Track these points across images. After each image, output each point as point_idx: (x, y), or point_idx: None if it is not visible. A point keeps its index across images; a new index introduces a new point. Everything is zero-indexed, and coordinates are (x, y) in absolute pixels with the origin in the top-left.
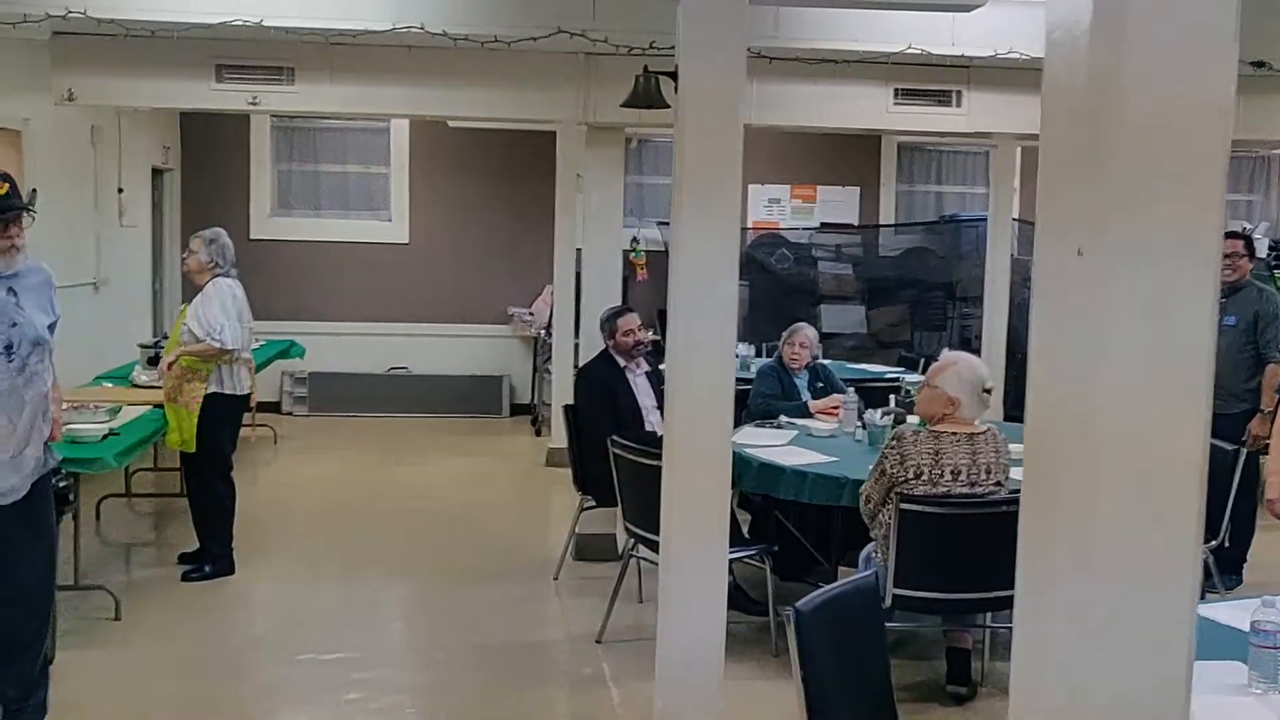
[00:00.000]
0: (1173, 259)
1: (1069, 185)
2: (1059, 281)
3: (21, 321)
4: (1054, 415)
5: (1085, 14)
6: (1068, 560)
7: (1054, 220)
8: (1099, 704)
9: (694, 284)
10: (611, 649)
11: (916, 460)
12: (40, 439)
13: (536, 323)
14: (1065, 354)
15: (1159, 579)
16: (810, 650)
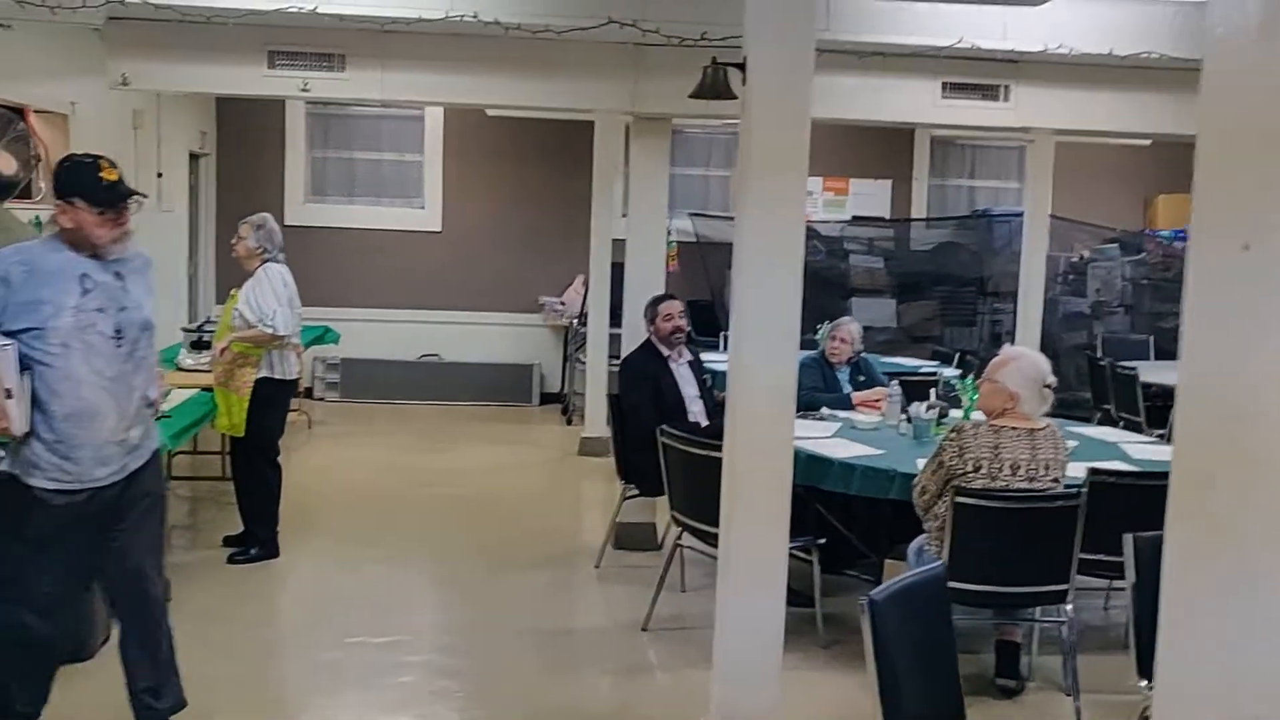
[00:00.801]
0: None
1: (1235, 180)
2: (1221, 277)
3: (130, 306)
4: (1209, 414)
5: (1254, 11)
6: (1223, 564)
7: (1216, 215)
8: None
9: (758, 277)
10: (658, 637)
11: (976, 454)
12: (145, 423)
13: (568, 312)
14: (1224, 351)
15: None
16: (883, 640)
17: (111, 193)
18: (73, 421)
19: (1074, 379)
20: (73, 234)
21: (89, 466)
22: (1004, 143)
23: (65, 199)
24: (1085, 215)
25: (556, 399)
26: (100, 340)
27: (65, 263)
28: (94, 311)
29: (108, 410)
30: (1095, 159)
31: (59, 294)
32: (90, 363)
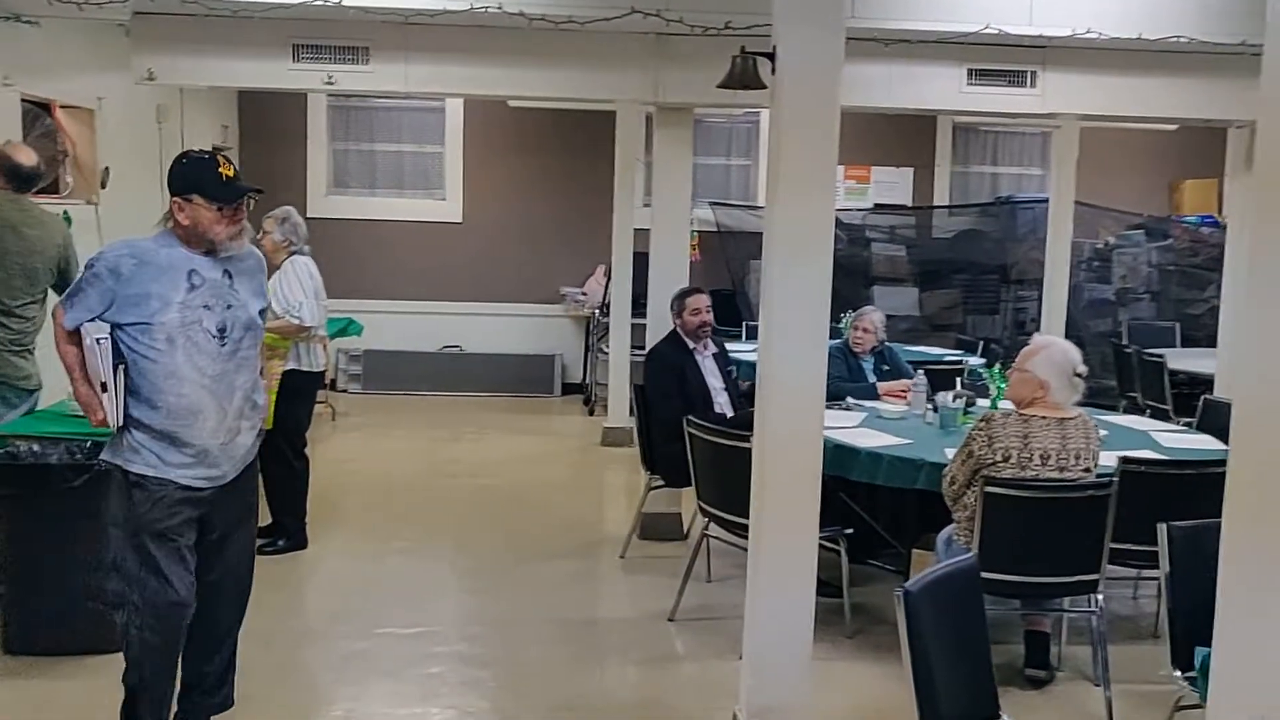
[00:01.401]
0: None
1: None
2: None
3: (236, 304)
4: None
5: None
6: None
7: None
8: None
9: (788, 266)
10: (684, 627)
11: (1005, 443)
12: (251, 428)
13: (589, 302)
14: None
15: None
16: (918, 631)
17: (230, 189)
18: (174, 418)
19: (1099, 367)
20: (188, 230)
21: (190, 465)
22: (1027, 129)
23: (183, 195)
24: (1109, 201)
25: (578, 389)
26: (204, 338)
27: (175, 258)
28: (200, 308)
29: (209, 409)
30: (1120, 144)
31: (167, 289)
32: (194, 360)
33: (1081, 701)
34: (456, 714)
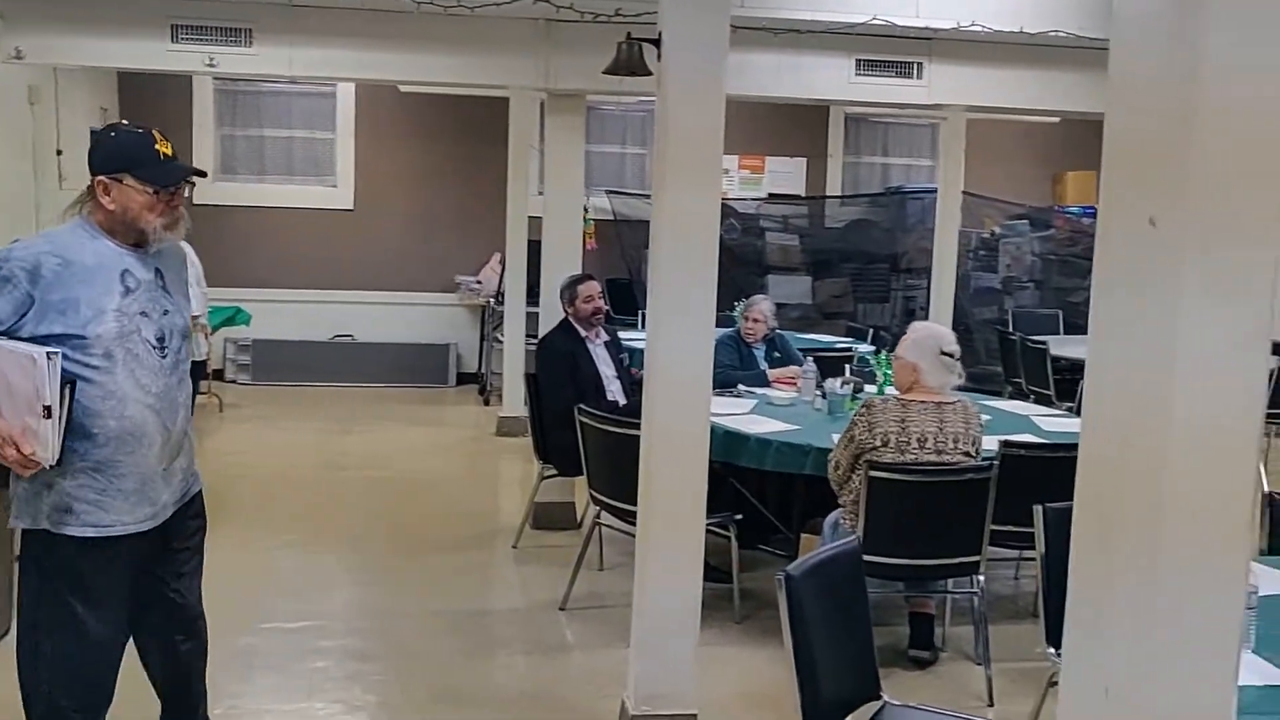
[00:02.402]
0: (1244, 232)
1: (1141, 155)
2: (1126, 252)
3: (171, 309)
4: (1117, 392)
5: None
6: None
7: (1123, 191)
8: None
9: (675, 254)
10: (575, 616)
11: (884, 428)
12: (191, 448)
13: (484, 291)
14: (1131, 329)
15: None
16: (799, 614)
17: (169, 170)
18: (115, 446)
19: (986, 353)
20: (114, 218)
21: (132, 504)
22: (916, 120)
23: (110, 175)
24: (996, 191)
25: (473, 379)
26: (144, 350)
27: (104, 255)
28: (138, 315)
29: (153, 431)
30: (1005, 136)
31: (99, 294)
32: (136, 376)
33: (964, 680)
34: (342, 708)
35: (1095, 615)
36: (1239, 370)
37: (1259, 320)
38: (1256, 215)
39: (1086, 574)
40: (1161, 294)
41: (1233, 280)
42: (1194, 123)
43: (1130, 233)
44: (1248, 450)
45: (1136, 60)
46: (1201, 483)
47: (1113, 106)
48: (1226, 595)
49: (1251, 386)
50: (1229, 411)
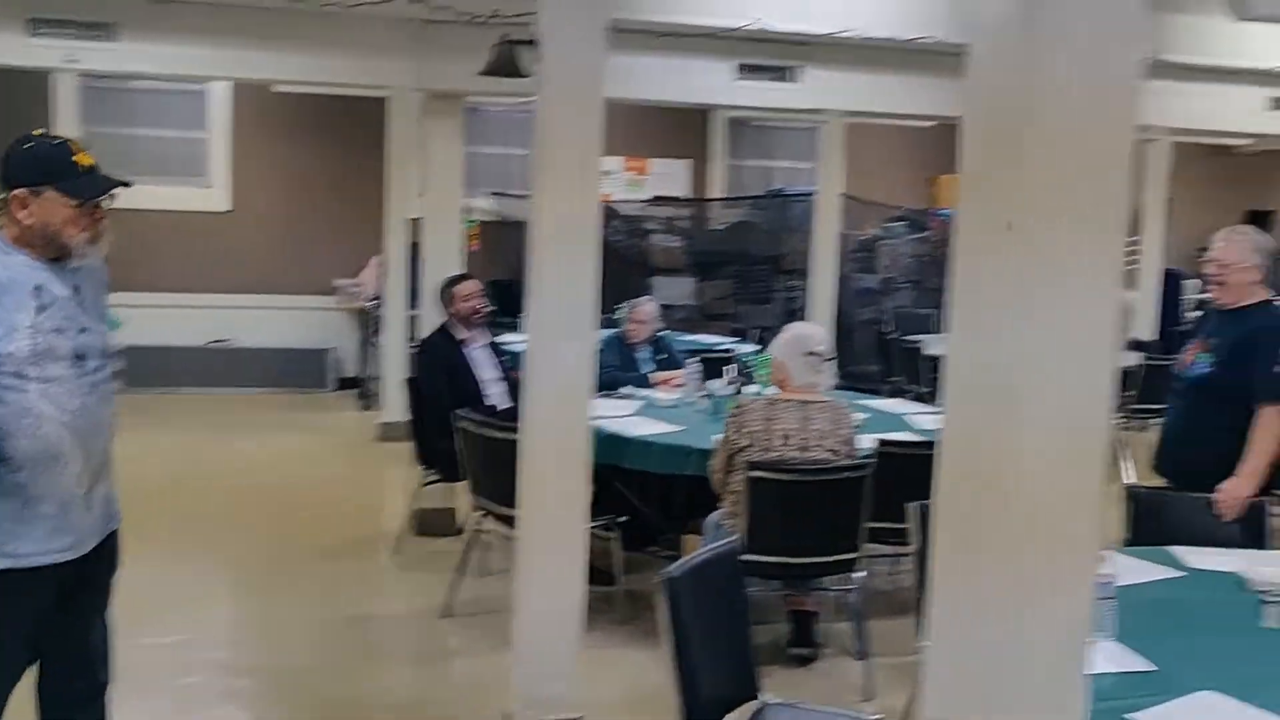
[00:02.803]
0: (1091, 235)
1: (999, 162)
2: (982, 258)
3: (91, 328)
4: (975, 391)
5: (1012, 6)
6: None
7: (979, 196)
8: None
9: (554, 257)
10: (458, 623)
11: (751, 427)
12: (111, 473)
13: (365, 294)
14: (988, 330)
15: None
16: (679, 616)
17: (93, 181)
18: (30, 468)
19: (866, 353)
20: (32, 232)
21: (51, 531)
22: (797, 123)
23: (30, 188)
24: (874, 194)
25: (354, 384)
26: (59, 368)
27: (15, 269)
28: (52, 333)
29: (72, 452)
30: (883, 139)
31: (11, 311)
32: (50, 395)
33: (844, 675)
34: None
35: (954, 609)
36: (1088, 369)
37: (1106, 321)
38: (1107, 220)
39: (946, 569)
40: (1016, 296)
41: (1084, 283)
42: (1047, 131)
43: (987, 236)
44: (1096, 446)
45: (991, 71)
46: (1052, 478)
47: (969, 115)
48: (1077, 587)
49: (1099, 385)
50: (1078, 409)
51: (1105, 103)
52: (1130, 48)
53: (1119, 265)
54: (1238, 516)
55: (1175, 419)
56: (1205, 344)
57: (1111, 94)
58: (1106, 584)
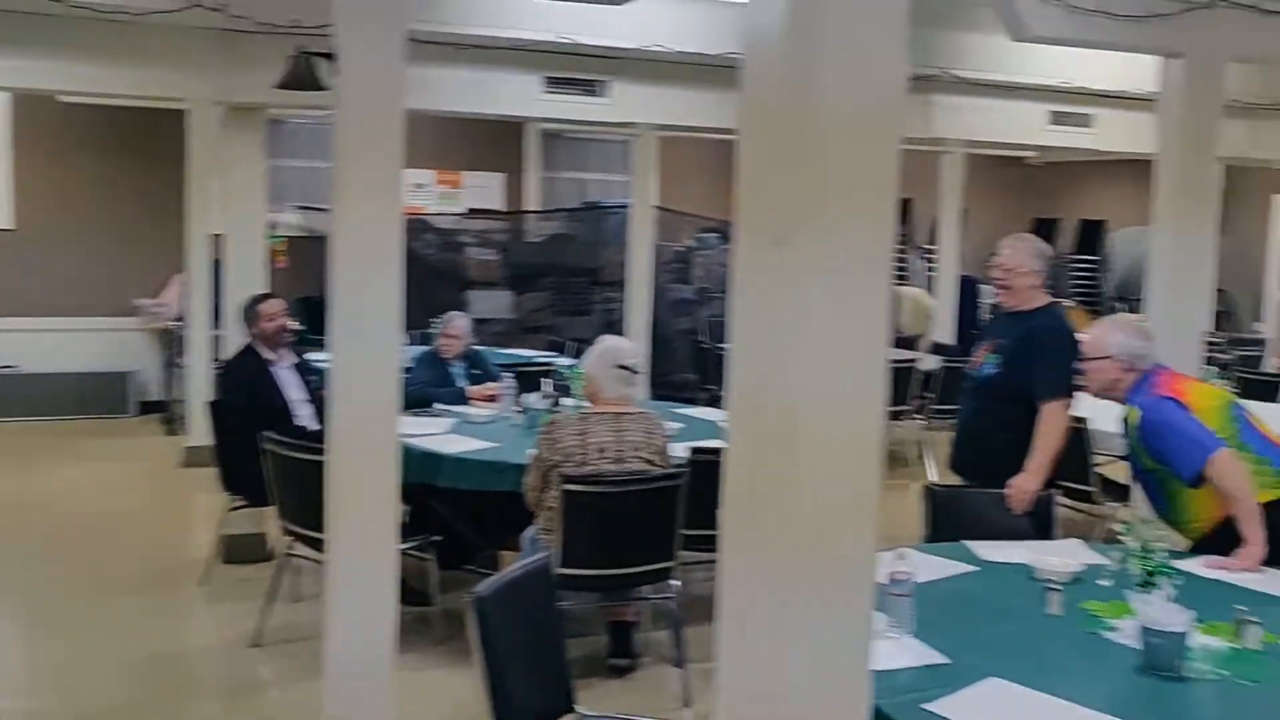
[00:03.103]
0: (861, 247)
1: (768, 179)
2: (758, 271)
3: None
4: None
5: (782, 22)
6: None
7: (753, 212)
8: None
9: (356, 272)
10: (269, 652)
11: (565, 443)
12: None
13: (167, 314)
14: (765, 346)
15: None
16: (490, 633)
17: None
18: None
19: (682, 362)
20: None
21: None
22: (611, 136)
23: None
24: (688, 206)
25: (158, 408)
26: None
27: None
28: None
29: None
30: (695, 151)
31: None
32: None
33: (663, 683)
34: None
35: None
36: (861, 377)
37: (877, 333)
38: (874, 236)
39: (733, 574)
40: (789, 309)
41: (854, 296)
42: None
43: (760, 251)
44: (871, 453)
45: (762, 94)
46: (830, 484)
47: (743, 130)
48: (857, 587)
49: (872, 392)
50: (853, 417)
51: (871, 117)
52: (893, 63)
53: (888, 275)
54: (1028, 510)
55: (967, 418)
56: (993, 345)
57: (877, 108)
58: (904, 581)
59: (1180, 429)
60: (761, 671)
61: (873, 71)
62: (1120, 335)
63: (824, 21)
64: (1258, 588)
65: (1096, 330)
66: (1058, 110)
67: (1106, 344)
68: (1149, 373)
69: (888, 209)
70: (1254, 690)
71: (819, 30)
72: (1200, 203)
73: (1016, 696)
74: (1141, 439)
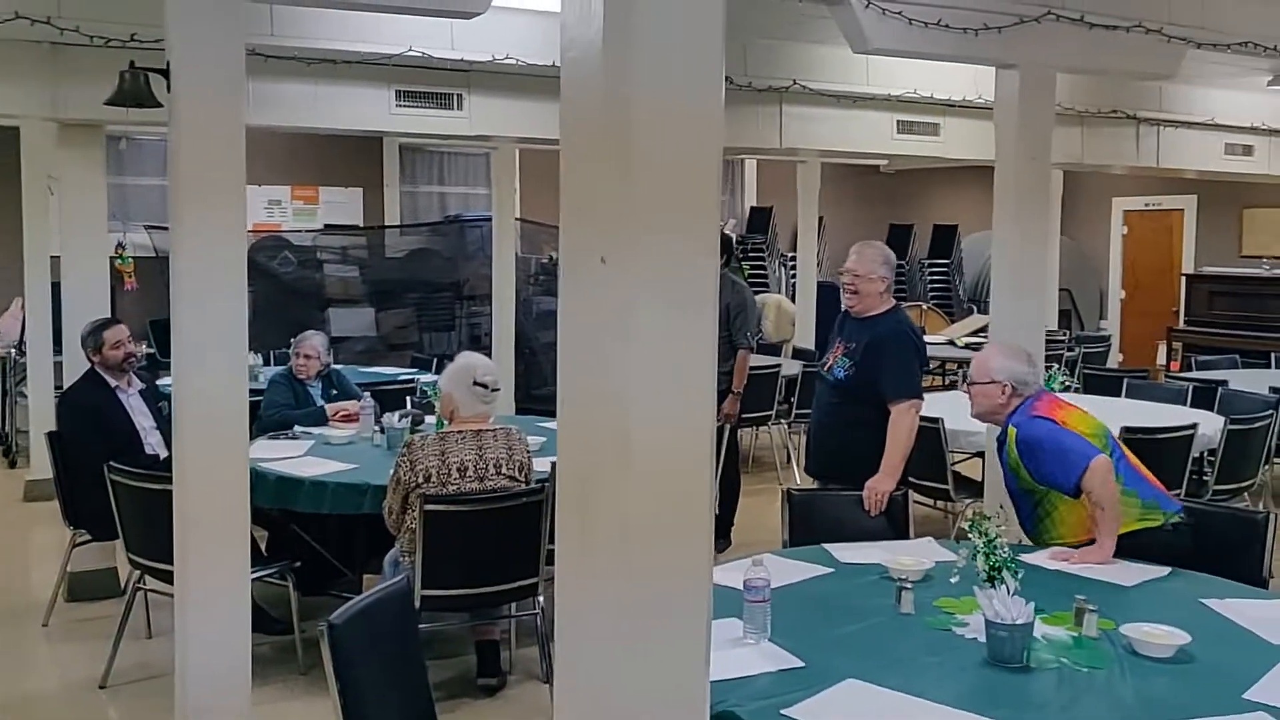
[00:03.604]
0: (684, 261)
1: (592, 197)
2: (585, 288)
3: None
4: (585, 417)
5: (596, 26)
6: (602, 551)
7: (579, 230)
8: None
9: (199, 293)
10: (119, 693)
11: (425, 464)
12: None
13: (6, 340)
14: (591, 360)
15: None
16: (345, 662)
17: None
18: None
19: (549, 375)
20: None
21: None
22: (472, 149)
23: None
24: (551, 218)
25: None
26: None
27: None
28: None
29: None
30: (557, 163)
31: None
32: None
33: (532, 700)
34: None
35: (578, 624)
36: (689, 389)
37: (703, 345)
38: (696, 250)
39: (565, 585)
40: (615, 323)
41: (679, 309)
42: (632, 169)
43: (585, 268)
44: (702, 461)
45: (580, 110)
46: (661, 494)
47: (564, 151)
48: (692, 598)
49: (701, 405)
50: (682, 427)
51: (689, 133)
52: (710, 80)
53: (714, 288)
54: (882, 510)
55: (821, 420)
56: (844, 348)
57: (695, 125)
58: (760, 588)
59: (1058, 440)
60: (596, 685)
61: (689, 90)
62: (1007, 361)
63: (637, 38)
64: (1100, 577)
65: (984, 355)
66: (904, 119)
67: (993, 368)
68: (1031, 398)
69: (709, 223)
70: (1091, 676)
71: (633, 48)
72: (1037, 206)
73: (872, 696)
74: (1020, 456)
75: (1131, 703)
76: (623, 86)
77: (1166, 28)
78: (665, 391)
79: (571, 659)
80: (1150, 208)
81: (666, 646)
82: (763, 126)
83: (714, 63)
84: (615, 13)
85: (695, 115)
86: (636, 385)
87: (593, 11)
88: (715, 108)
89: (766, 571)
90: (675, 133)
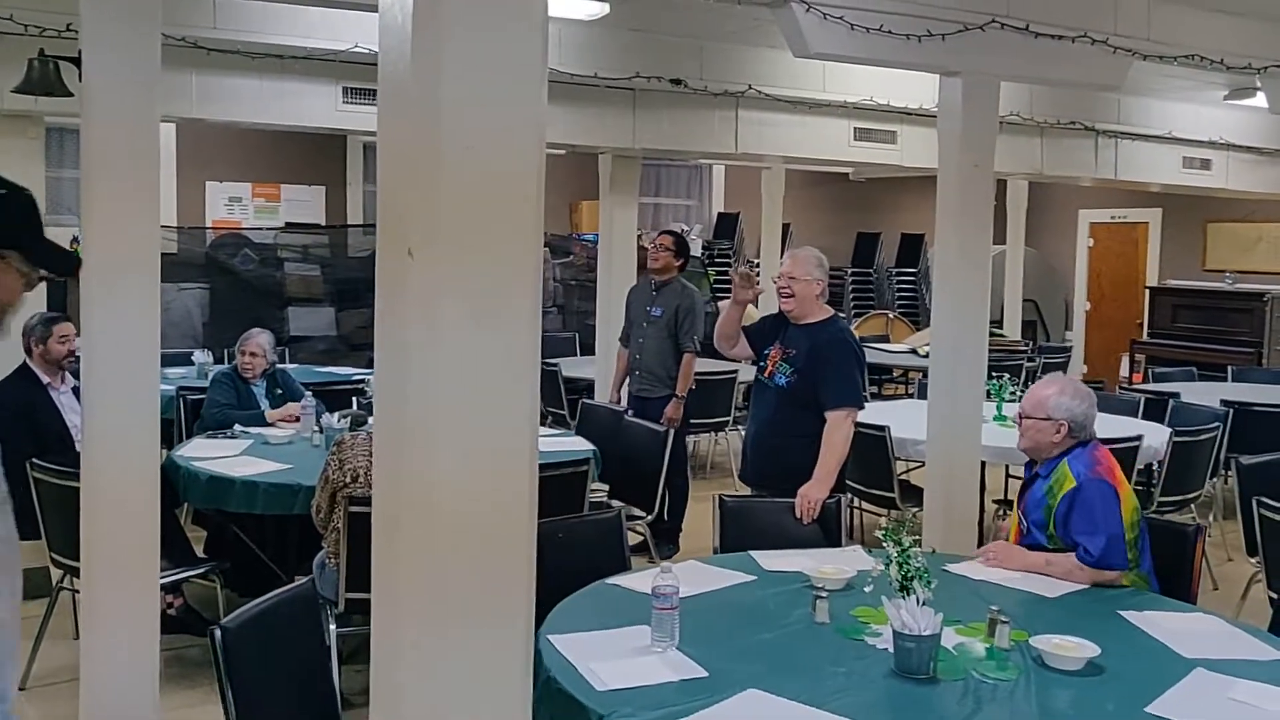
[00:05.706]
0: (494, 263)
1: (403, 189)
2: (395, 281)
3: None
4: (396, 416)
5: (405, 29)
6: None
7: (390, 222)
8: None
9: (108, 287)
10: (38, 696)
11: (354, 464)
12: None
13: None
14: (401, 352)
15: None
16: (236, 668)
17: (66, 256)
18: None
19: None
20: None
21: None
22: None
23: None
24: None
25: None
26: None
27: None
28: None
29: None
30: None
31: None
32: None
33: None
34: None
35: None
36: (508, 390)
37: (525, 345)
38: (507, 251)
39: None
40: (423, 321)
41: (491, 312)
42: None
43: (395, 263)
44: (521, 464)
45: (395, 108)
46: (472, 499)
47: (381, 143)
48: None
49: (527, 408)
50: (495, 430)
51: (504, 132)
52: (528, 77)
53: (536, 292)
54: (815, 518)
55: (760, 426)
56: (784, 353)
57: (508, 115)
58: (669, 595)
59: (1110, 523)
60: (412, 702)
61: (500, 92)
62: (1068, 400)
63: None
64: (1025, 588)
65: (1043, 390)
66: (861, 127)
67: (1050, 406)
68: (1087, 444)
69: (528, 228)
70: (996, 688)
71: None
72: (980, 214)
73: (772, 707)
74: (1063, 502)
75: (1034, 715)
76: (432, 79)
77: (1112, 38)
78: (478, 390)
79: (386, 675)
80: (1116, 220)
81: (482, 658)
82: (718, 130)
83: (534, 60)
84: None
85: (508, 108)
86: (443, 385)
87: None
88: (535, 105)
89: (675, 579)
90: (487, 126)
